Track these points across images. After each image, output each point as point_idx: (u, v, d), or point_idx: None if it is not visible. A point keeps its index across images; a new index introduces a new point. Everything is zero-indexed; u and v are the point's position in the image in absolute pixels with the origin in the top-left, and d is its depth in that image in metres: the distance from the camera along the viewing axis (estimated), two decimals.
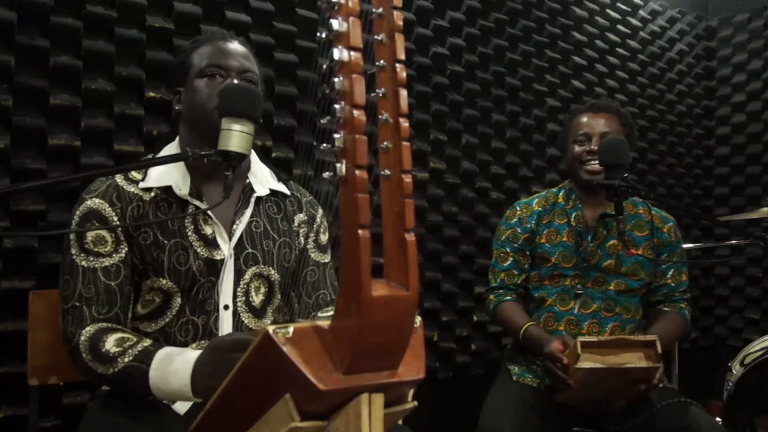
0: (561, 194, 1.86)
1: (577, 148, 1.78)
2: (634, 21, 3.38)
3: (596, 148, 1.72)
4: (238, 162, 1.07)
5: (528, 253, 1.82)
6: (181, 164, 1.24)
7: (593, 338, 1.47)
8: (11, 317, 1.60)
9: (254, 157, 1.35)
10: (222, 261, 1.22)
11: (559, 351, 1.51)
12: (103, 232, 1.17)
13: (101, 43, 1.74)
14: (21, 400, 1.54)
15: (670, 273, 1.82)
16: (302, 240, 1.36)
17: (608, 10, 3.22)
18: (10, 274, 1.61)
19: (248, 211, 1.27)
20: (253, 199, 1.28)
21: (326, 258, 1.40)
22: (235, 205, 1.26)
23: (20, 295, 1.51)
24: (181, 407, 1.17)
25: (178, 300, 1.20)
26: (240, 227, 1.25)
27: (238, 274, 1.24)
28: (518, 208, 1.86)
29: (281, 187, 1.35)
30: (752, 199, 3.40)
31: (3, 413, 1.56)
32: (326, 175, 0.65)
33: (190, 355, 1.03)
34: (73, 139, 1.69)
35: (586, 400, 1.61)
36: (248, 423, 0.74)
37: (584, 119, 1.80)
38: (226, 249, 1.23)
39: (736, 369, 2.22)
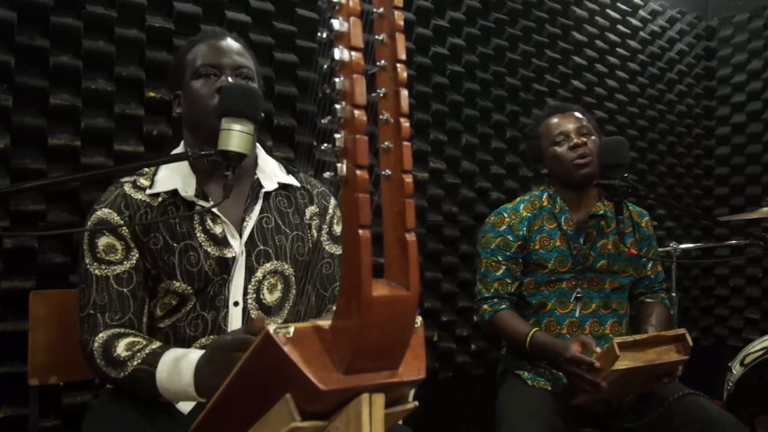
0: (545, 198, 1.83)
1: (558, 149, 1.77)
2: (634, 21, 3.38)
3: (578, 141, 1.74)
4: (238, 162, 1.07)
5: (521, 260, 1.79)
6: (185, 166, 1.24)
7: (628, 338, 1.45)
8: (11, 317, 1.60)
9: (261, 152, 1.34)
10: (233, 258, 1.22)
11: (580, 353, 1.50)
12: (113, 240, 1.19)
13: (101, 43, 1.74)
14: (21, 400, 1.54)
15: (650, 265, 1.87)
16: (315, 232, 1.35)
17: (608, 10, 3.22)
18: (10, 274, 1.61)
19: (257, 207, 1.27)
20: (261, 195, 1.28)
21: (340, 249, 1.39)
22: (244, 202, 1.26)
23: (20, 295, 1.51)
24: (185, 407, 1.17)
25: (193, 299, 1.21)
26: (250, 224, 1.25)
27: (250, 272, 1.24)
28: (506, 215, 1.81)
29: (291, 180, 1.34)
30: (752, 199, 3.40)
31: (3, 413, 1.56)
32: (327, 175, 0.65)
33: (195, 355, 1.04)
34: (73, 139, 1.69)
35: (600, 400, 1.61)
36: (249, 423, 0.74)
37: (555, 120, 1.81)
38: (237, 246, 1.23)
39: (736, 369, 2.22)
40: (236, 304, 1.23)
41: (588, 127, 1.78)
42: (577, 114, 1.82)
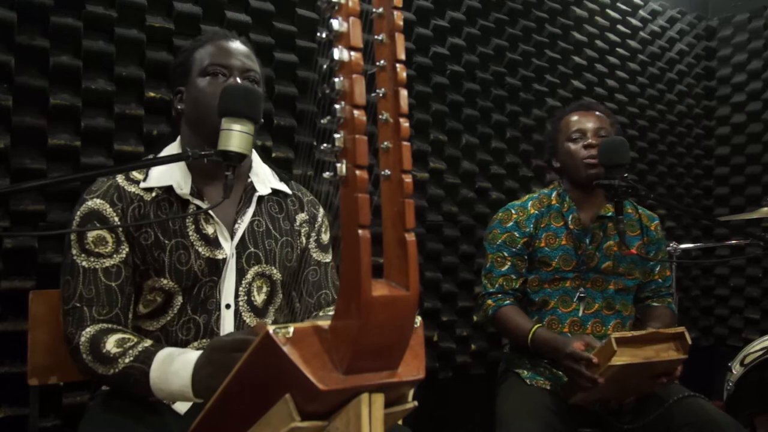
0: (554, 196, 1.84)
1: (572, 146, 1.78)
2: (634, 21, 3.38)
3: (593, 142, 1.74)
4: (237, 162, 1.07)
5: (526, 257, 1.79)
6: (182, 164, 1.24)
7: (626, 334, 1.46)
8: (11, 317, 1.60)
9: (255, 157, 1.35)
10: (224, 260, 1.22)
11: (581, 350, 1.50)
12: (104, 233, 1.17)
13: (101, 43, 1.74)
14: (21, 400, 1.54)
15: (657, 269, 1.87)
16: (304, 239, 1.36)
17: (608, 10, 3.22)
18: (10, 274, 1.61)
19: (250, 210, 1.27)
20: (255, 198, 1.28)
21: (328, 257, 1.40)
22: (237, 204, 1.26)
23: (20, 295, 1.51)
24: (182, 407, 1.17)
25: (180, 299, 1.20)
26: (242, 226, 1.25)
27: (240, 273, 1.24)
28: (513, 211, 1.83)
29: (283, 187, 1.35)
30: (752, 199, 3.40)
31: (3, 413, 1.56)
32: (326, 175, 0.65)
33: (191, 355, 1.03)
34: (73, 139, 1.69)
35: (599, 399, 1.60)
36: (248, 423, 0.74)
37: (575, 118, 1.81)
38: (228, 248, 1.23)
39: (736, 369, 2.22)
40: (228, 306, 1.22)
41: (607, 130, 1.78)
42: (599, 114, 1.82)
